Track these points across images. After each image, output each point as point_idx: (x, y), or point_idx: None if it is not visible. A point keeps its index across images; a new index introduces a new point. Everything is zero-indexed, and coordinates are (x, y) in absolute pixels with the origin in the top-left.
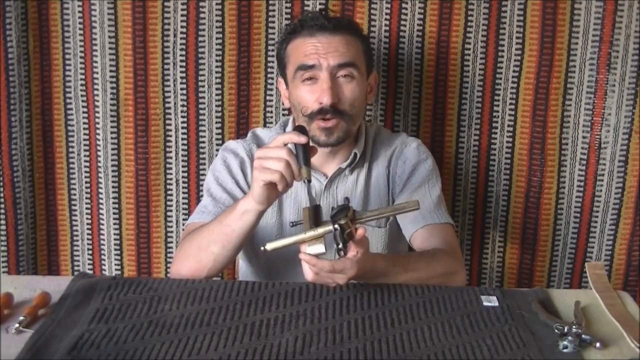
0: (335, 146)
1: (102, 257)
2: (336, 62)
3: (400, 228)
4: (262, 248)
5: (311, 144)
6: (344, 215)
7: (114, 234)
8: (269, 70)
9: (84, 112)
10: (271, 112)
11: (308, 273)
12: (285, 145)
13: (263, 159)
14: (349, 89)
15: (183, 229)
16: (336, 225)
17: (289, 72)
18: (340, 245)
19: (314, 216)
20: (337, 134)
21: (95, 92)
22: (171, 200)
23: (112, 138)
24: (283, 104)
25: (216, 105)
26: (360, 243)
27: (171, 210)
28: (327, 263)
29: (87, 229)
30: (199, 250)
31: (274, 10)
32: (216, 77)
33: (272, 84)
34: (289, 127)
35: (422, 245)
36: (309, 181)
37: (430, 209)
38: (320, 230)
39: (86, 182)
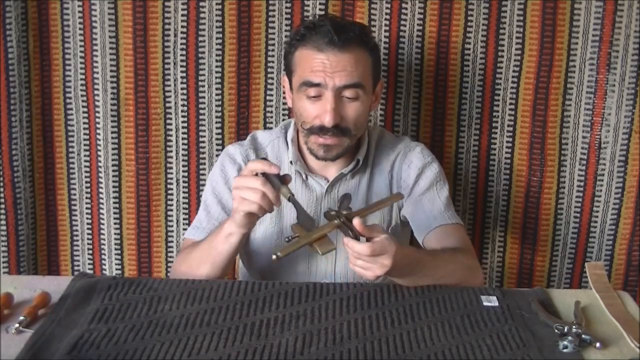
0: (333, 160)
1: (103, 257)
2: (342, 83)
3: (402, 235)
4: (275, 256)
5: (307, 156)
6: (344, 209)
7: (115, 234)
8: (269, 70)
9: (84, 112)
10: (271, 112)
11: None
12: (257, 174)
13: (240, 189)
14: (353, 109)
15: (183, 239)
16: (341, 219)
17: (294, 80)
18: (351, 235)
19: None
20: (336, 151)
21: (96, 92)
22: (172, 200)
23: (112, 138)
24: (285, 102)
25: (216, 105)
26: (375, 229)
27: (172, 210)
28: (365, 246)
29: (87, 229)
30: (190, 270)
31: (274, 10)
32: (216, 77)
33: (272, 84)
34: (291, 131)
35: (438, 246)
36: (290, 199)
37: (441, 210)
38: (326, 227)
39: (86, 182)
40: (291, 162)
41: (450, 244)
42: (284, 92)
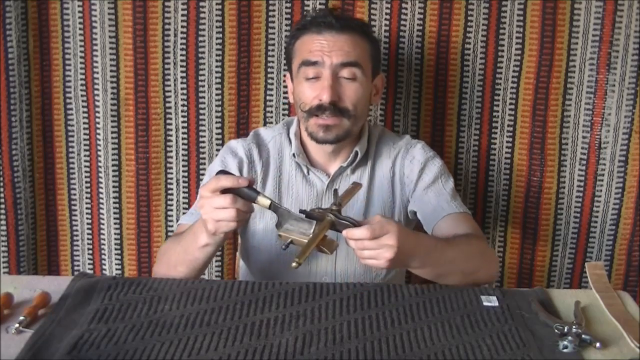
0: (334, 144)
1: (103, 257)
2: (340, 60)
3: (408, 227)
4: (295, 264)
5: (309, 140)
6: (332, 204)
7: (115, 234)
8: (269, 70)
9: (84, 112)
10: (271, 112)
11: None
12: (225, 191)
13: (211, 212)
14: (351, 89)
15: (178, 224)
16: (333, 213)
17: (294, 66)
18: (348, 223)
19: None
20: (336, 131)
21: (96, 92)
22: (172, 200)
23: (112, 138)
24: (286, 102)
25: (216, 105)
26: (372, 218)
27: (172, 210)
28: (363, 229)
29: (87, 229)
30: (168, 268)
31: (274, 10)
32: (216, 77)
33: (272, 84)
34: (294, 126)
35: (448, 234)
36: (272, 206)
37: (448, 200)
38: (324, 226)
39: (86, 182)
40: (294, 154)
41: (461, 232)
42: (285, 92)
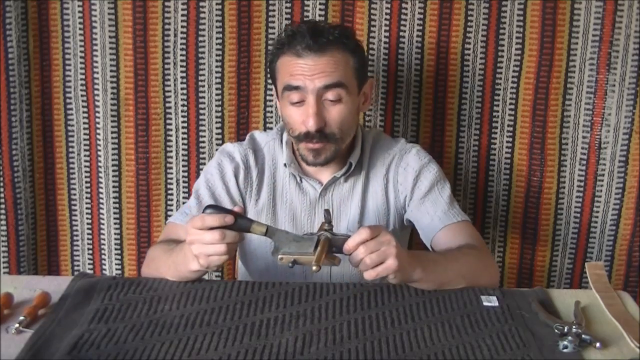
0: (324, 165)
1: (103, 257)
2: (322, 83)
3: (400, 239)
4: (315, 267)
5: (298, 161)
6: (323, 223)
7: (115, 234)
8: (269, 70)
9: (84, 112)
10: (271, 112)
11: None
12: (212, 228)
13: (201, 247)
14: (337, 112)
15: (167, 222)
16: (326, 234)
17: (278, 87)
18: (344, 238)
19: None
20: (324, 155)
21: (96, 92)
22: (172, 200)
23: (112, 138)
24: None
25: (216, 105)
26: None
27: (172, 210)
28: (362, 230)
29: (87, 229)
30: (158, 274)
31: (274, 10)
32: (216, 77)
33: (271, 84)
34: (286, 133)
35: (447, 246)
36: (268, 233)
37: (445, 210)
38: (323, 244)
39: (86, 182)
40: (285, 164)
41: (459, 243)
42: None
